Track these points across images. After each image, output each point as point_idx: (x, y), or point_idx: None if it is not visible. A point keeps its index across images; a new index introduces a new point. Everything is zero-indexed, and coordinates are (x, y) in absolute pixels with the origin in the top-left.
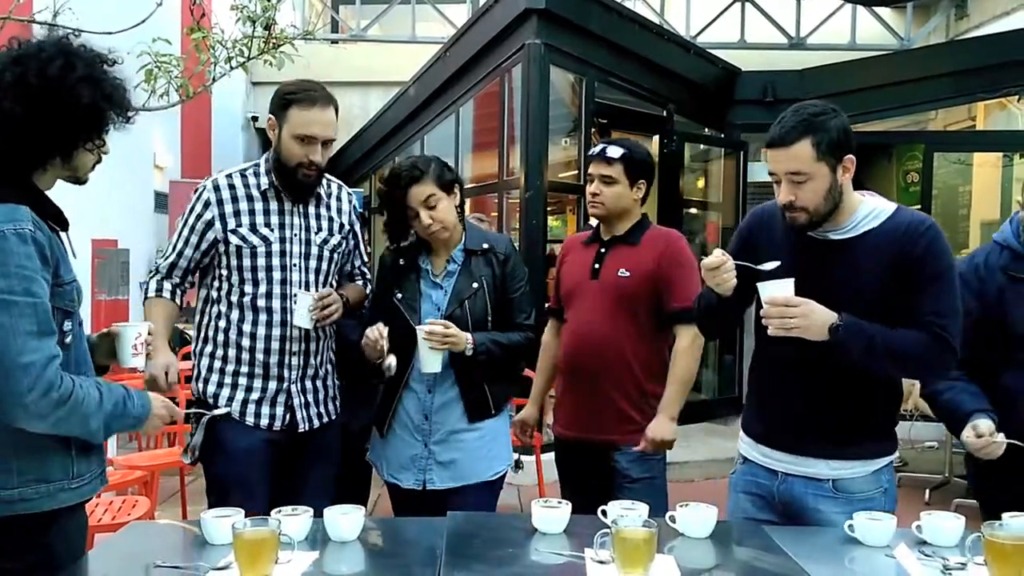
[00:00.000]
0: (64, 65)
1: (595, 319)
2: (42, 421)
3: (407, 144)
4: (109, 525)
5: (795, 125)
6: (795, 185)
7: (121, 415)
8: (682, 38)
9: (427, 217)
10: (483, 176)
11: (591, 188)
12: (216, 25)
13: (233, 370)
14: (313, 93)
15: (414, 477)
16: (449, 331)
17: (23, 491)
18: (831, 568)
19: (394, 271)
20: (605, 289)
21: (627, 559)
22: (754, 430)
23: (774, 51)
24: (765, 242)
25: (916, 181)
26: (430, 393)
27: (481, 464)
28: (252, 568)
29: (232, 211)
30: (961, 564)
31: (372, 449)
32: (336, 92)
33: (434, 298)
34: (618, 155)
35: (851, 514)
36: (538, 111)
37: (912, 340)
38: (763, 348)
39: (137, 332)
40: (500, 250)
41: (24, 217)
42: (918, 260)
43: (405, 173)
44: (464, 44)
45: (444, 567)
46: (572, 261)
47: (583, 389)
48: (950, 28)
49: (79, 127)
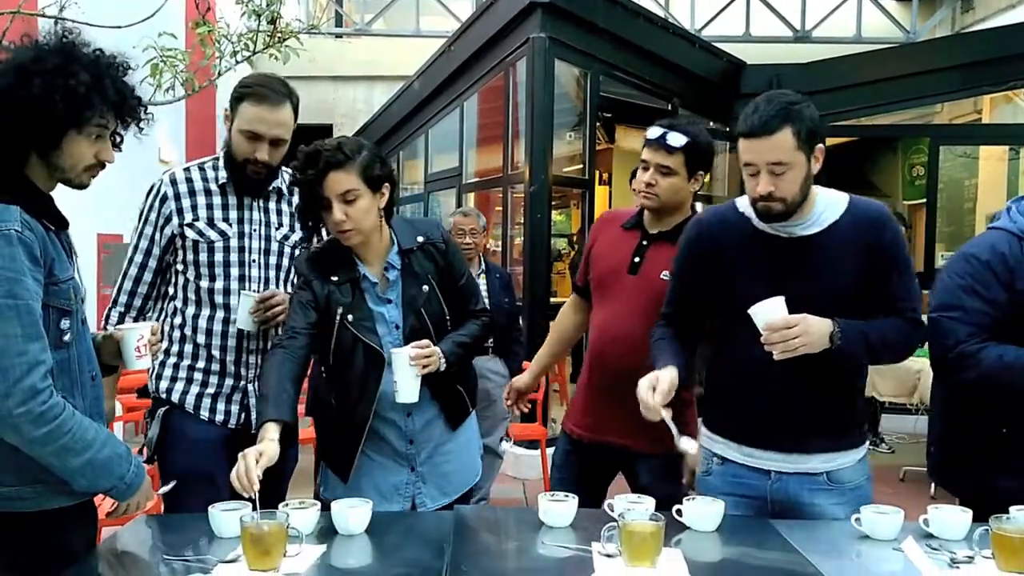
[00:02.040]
0: (35, 58)
1: (629, 318)
2: (15, 434)
3: (411, 138)
4: (118, 519)
5: (775, 113)
6: (774, 176)
7: (108, 472)
8: (687, 31)
9: (340, 212)
10: (487, 170)
11: (645, 177)
12: (221, 19)
13: (188, 364)
14: (265, 89)
15: (400, 504)
16: (431, 350)
17: (21, 490)
18: (839, 562)
19: (327, 287)
20: (643, 288)
21: (634, 552)
22: (732, 430)
23: (779, 44)
24: (725, 248)
25: (921, 174)
26: (409, 416)
27: (468, 471)
28: (260, 561)
29: (189, 205)
30: (969, 557)
31: (329, 484)
32: (341, 86)
33: (387, 316)
34: (681, 144)
35: (844, 504)
36: (543, 105)
37: (896, 329)
38: (734, 348)
39: (139, 335)
40: (435, 237)
41: (10, 218)
42: (887, 249)
43: (327, 154)
44: (468, 38)
45: (451, 560)
46: (608, 243)
47: (608, 389)
48: (956, 21)
49: (39, 119)
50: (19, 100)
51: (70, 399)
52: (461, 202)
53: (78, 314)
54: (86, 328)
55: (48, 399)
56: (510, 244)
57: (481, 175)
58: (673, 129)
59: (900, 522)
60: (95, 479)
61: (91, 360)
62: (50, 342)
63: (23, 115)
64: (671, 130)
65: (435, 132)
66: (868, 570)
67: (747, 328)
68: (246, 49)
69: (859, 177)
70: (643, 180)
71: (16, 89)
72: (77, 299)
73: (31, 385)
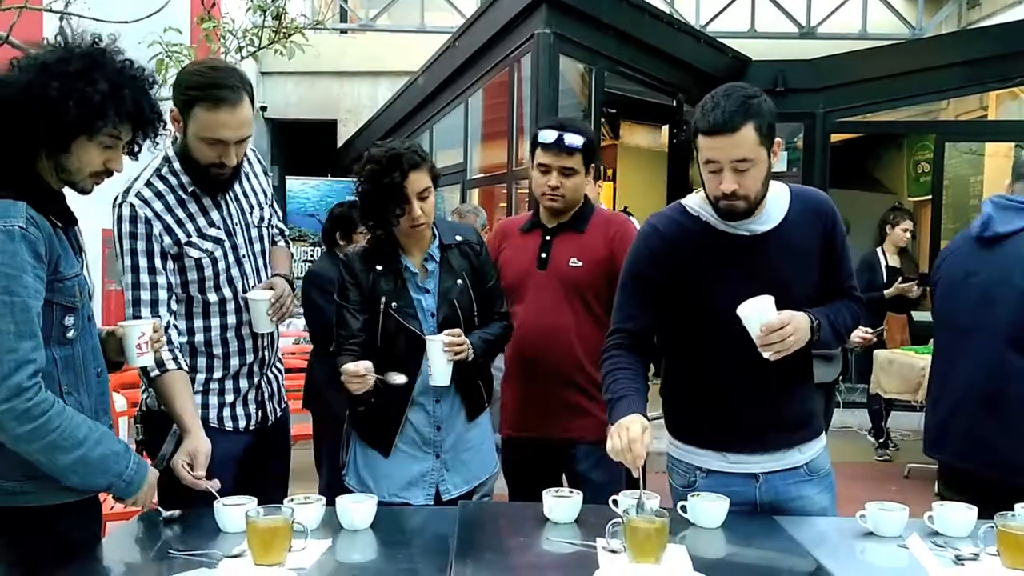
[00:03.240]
0: (61, 59)
1: (546, 311)
2: (0, 431)
3: (416, 134)
4: (122, 513)
5: (736, 109)
6: (738, 173)
7: (103, 469)
8: (692, 27)
9: (418, 208)
10: (492, 166)
11: (549, 181)
12: (226, 15)
13: (204, 379)
14: (221, 90)
15: (424, 492)
16: (463, 339)
17: (24, 484)
18: (844, 558)
19: (372, 277)
20: (555, 279)
21: (639, 549)
22: (720, 442)
23: (784, 40)
24: (685, 253)
25: (927, 171)
26: (437, 403)
27: (487, 461)
28: (265, 556)
29: (174, 221)
30: (974, 554)
31: (356, 470)
32: (345, 82)
33: (425, 304)
34: (579, 144)
35: (825, 491)
36: (547, 101)
37: (849, 310)
38: (708, 356)
39: (140, 331)
40: (472, 239)
41: (15, 214)
42: (834, 234)
43: (409, 156)
44: (473, 34)
45: (456, 556)
46: (512, 249)
47: (535, 386)
48: (962, 17)
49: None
50: (35, 99)
51: (75, 395)
52: (465, 198)
53: (84, 311)
54: (92, 325)
55: (34, 396)
56: None
57: (485, 171)
58: (566, 130)
59: (905, 519)
60: (89, 476)
61: (97, 356)
62: (54, 339)
63: (36, 114)
64: (564, 131)
65: (439, 128)
66: (873, 567)
67: (720, 333)
68: (251, 45)
69: (864, 174)
70: (547, 184)
71: (35, 87)
72: (83, 296)
73: (17, 383)
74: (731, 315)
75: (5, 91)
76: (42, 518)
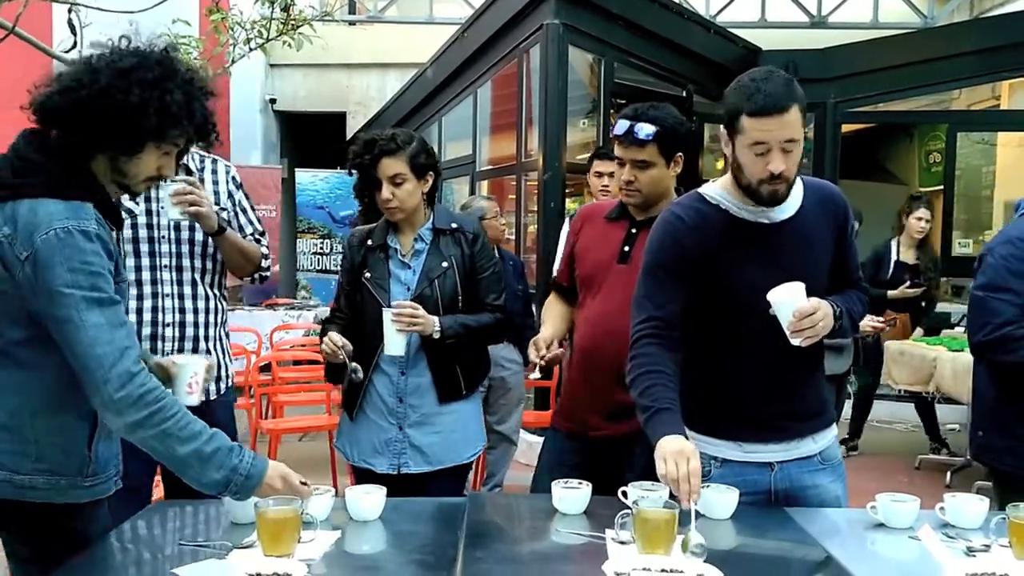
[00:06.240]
0: (137, 66)
1: (621, 309)
2: (119, 417)
3: (425, 126)
4: None
5: (784, 91)
6: (785, 154)
7: (218, 464)
8: (702, 17)
9: (388, 192)
10: (501, 158)
11: (623, 175)
12: (235, 6)
13: None
14: None
15: (388, 462)
16: (417, 313)
17: (34, 479)
18: (855, 549)
19: (362, 251)
20: (636, 276)
21: (648, 540)
22: (738, 432)
23: (795, 30)
24: (708, 242)
25: (938, 161)
26: (403, 375)
27: (456, 448)
28: (275, 546)
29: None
30: (985, 546)
31: (339, 434)
32: (354, 74)
33: (403, 278)
34: (650, 134)
35: (837, 480)
36: (556, 92)
37: (859, 299)
38: (732, 345)
39: (192, 372)
40: (468, 230)
41: (89, 215)
42: (845, 224)
43: (381, 143)
44: (482, 25)
45: (465, 547)
46: (592, 237)
47: (603, 383)
48: (974, 6)
49: (128, 126)
50: (116, 104)
51: None
52: (475, 190)
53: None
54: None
55: (145, 381)
56: (523, 232)
57: (494, 163)
58: (638, 119)
59: (916, 510)
60: (204, 469)
61: None
62: None
63: (114, 119)
64: (636, 120)
65: (448, 119)
66: (884, 558)
67: (745, 322)
68: (260, 36)
69: (875, 164)
70: (621, 178)
71: (117, 93)
72: (126, 300)
73: (125, 370)
74: (750, 303)
75: (80, 93)
76: (50, 513)
